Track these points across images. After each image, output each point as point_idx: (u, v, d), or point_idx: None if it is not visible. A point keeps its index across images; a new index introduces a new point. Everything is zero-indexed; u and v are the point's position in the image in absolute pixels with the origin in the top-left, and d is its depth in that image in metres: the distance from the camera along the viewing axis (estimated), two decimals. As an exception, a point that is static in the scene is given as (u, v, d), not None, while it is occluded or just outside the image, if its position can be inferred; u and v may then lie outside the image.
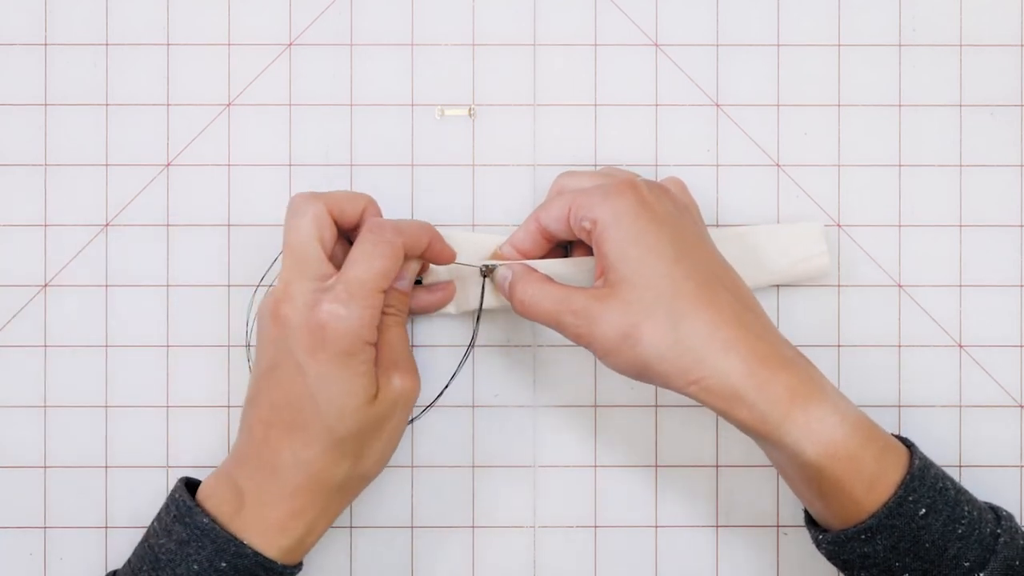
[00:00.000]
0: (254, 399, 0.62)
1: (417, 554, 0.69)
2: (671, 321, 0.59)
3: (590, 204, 0.61)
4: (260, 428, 0.61)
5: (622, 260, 0.60)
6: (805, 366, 0.60)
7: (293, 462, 0.60)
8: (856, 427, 0.59)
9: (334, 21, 0.69)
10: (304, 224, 0.61)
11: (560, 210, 0.62)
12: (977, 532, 0.59)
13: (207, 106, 0.69)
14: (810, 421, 0.58)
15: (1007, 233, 0.69)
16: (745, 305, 0.60)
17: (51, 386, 0.69)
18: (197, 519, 0.60)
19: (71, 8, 0.69)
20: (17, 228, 0.69)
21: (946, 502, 0.59)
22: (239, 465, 0.62)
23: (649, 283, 0.59)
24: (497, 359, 0.69)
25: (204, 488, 0.62)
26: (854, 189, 0.69)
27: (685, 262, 0.59)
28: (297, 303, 0.60)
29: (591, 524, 0.69)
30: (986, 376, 0.69)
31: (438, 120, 0.69)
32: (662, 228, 0.60)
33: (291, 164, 0.69)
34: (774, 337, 0.60)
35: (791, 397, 0.58)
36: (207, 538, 0.60)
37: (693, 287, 0.59)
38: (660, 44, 0.70)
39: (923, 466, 0.60)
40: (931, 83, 0.70)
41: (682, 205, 0.63)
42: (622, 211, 0.60)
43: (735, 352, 0.58)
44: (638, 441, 0.69)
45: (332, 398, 0.59)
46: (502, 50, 0.69)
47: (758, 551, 0.69)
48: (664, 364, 0.59)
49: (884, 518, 0.58)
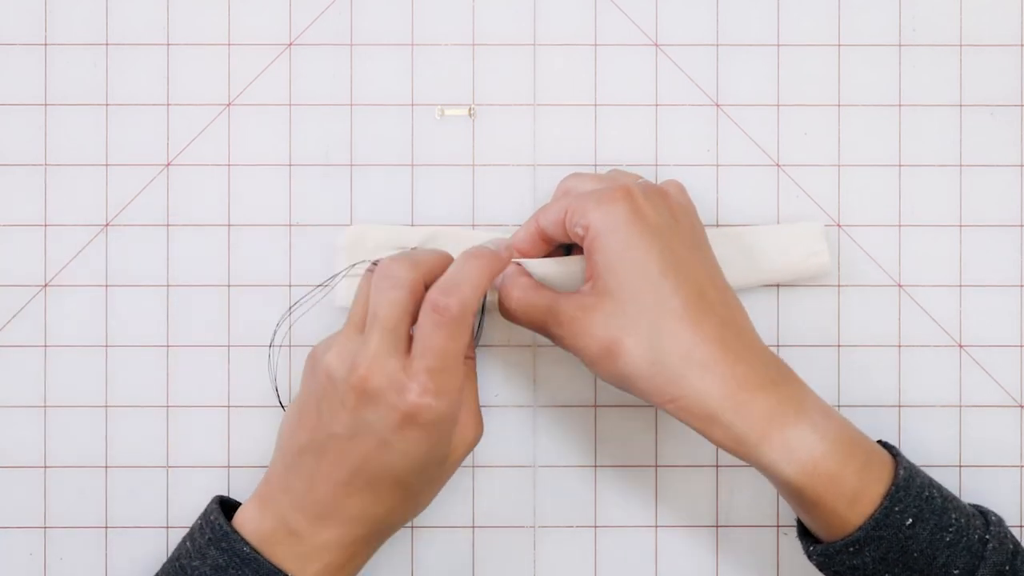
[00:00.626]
0: (323, 455, 0.60)
1: (417, 554, 0.69)
2: (651, 339, 0.59)
3: (584, 210, 0.60)
4: (328, 486, 0.60)
5: (609, 271, 0.59)
6: (787, 385, 0.60)
7: (360, 516, 0.60)
8: (836, 444, 0.59)
9: (334, 21, 0.69)
10: (402, 298, 0.59)
11: (557, 214, 0.62)
12: (965, 539, 0.59)
13: (207, 106, 0.69)
14: (787, 441, 0.58)
15: (1007, 233, 0.69)
16: (730, 322, 0.60)
17: (51, 386, 0.69)
18: (236, 546, 0.59)
19: (71, 8, 0.69)
20: (17, 228, 0.69)
21: (933, 510, 0.59)
22: (295, 509, 0.60)
23: (634, 297, 0.59)
24: (497, 359, 0.69)
25: (244, 513, 0.62)
26: (854, 189, 0.69)
27: (672, 277, 0.59)
28: (383, 384, 0.58)
29: (591, 524, 0.69)
30: (986, 376, 0.69)
31: (438, 120, 0.69)
32: (653, 239, 0.59)
33: (291, 164, 0.69)
34: (757, 356, 0.60)
35: (769, 418, 0.58)
36: (248, 567, 0.59)
37: (678, 304, 0.59)
38: (660, 44, 0.70)
39: (908, 476, 0.60)
40: (931, 83, 0.70)
41: (680, 211, 0.62)
42: (614, 219, 0.59)
43: (713, 373, 0.58)
44: (638, 441, 0.69)
45: (414, 464, 0.59)
46: (502, 50, 0.69)
47: (758, 551, 0.69)
48: (642, 381, 0.59)
49: (871, 530, 0.58)
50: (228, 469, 0.69)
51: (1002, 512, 0.67)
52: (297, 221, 0.69)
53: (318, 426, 0.60)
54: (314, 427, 0.60)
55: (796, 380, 0.61)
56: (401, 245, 0.67)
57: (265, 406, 0.69)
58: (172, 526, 0.68)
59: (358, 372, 0.58)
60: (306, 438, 0.60)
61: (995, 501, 0.68)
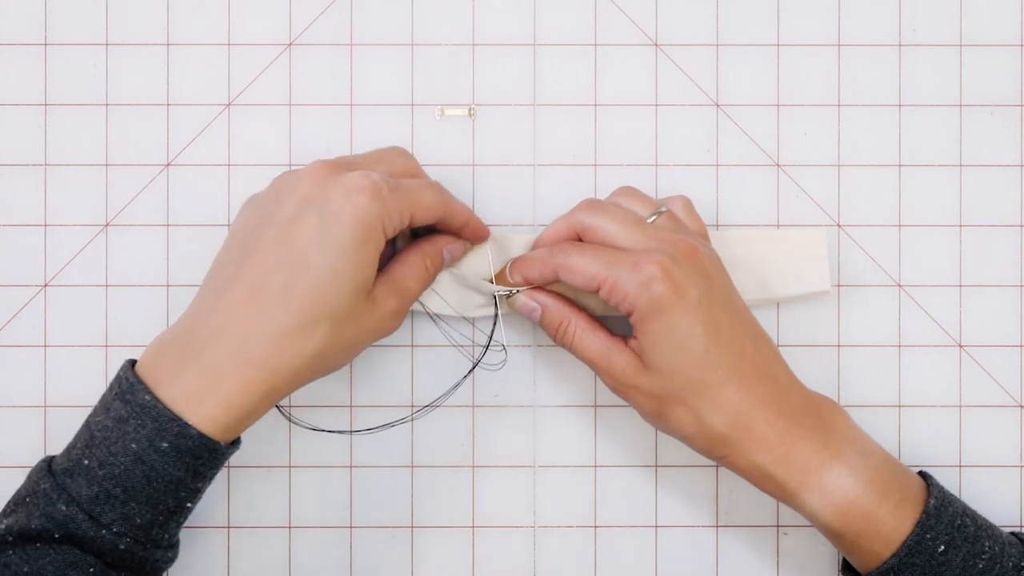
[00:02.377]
0: (238, 260, 0.59)
1: (417, 554, 0.69)
2: (698, 409, 0.61)
3: (625, 292, 0.61)
4: (237, 292, 0.59)
5: (655, 351, 0.61)
6: (825, 429, 0.62)
7: (264, 331, 0.58)
8: (871, 484, 0.61)
9: (334, 21, 0.69)
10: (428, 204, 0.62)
11: (587, 281, 0.62)
12: (999, 566, 0.60)
13: (207, 106, 0.69)
14: (824, 485, 0.61)
15: (1007, 233, 0.69)
16: (769, 377, 0.62)
17: (51, 386, 0.69)
18: (139, 396, 0.58)
19: (71, 8, 0.69)
20: (17, 228, 0.69)
21: (965, 538, 0.60)
22: (189, 332, 0.59)
23: (680, 372, 0.61)
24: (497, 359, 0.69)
25: (144, 359, 0.60)
26: (854, 189, 0.69)
27: (715, 349, 0.61)
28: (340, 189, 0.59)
29: (591, 524, 0.69)
30: (986, 376, 0.69)
31: (438, 120, 0.69)
32: (695, 317, 0.61)
33: (291, 164, 0.69)
34: (796, 405, 0.62)
35: (806, 465, 0.61)
36: (147, 416, 0.58)
37: (722, 375, 0.61)
38: (660, 44, 0.70)
39: (939, 504, 0.61)
40: (931, 83, 0.70)
41: (710, 267, 0.62)
42: (657, 305, 0.60)
43: (757, 433, 0.61)
44: (638, 441, 0.69)
45: (335, 273, 0.59)
46: (502, 50, 0.69)
47: (758, 551, 0.69)
48: (693, 442, 0.63)
49: (904, 556, 0.60)
50: (228, 469, 0.69)
51: (1002, 512, 0.67)
52: (297, 221, 0.69)
53: (239, 234, 0.61)
54: (237, 238, 0.61)
55: (833, 419, 0.63)
56: None
57: (265, 406, 0.69)
58: (172, 526, 0.69)
59: (329, 167, 0.61)
60: (221, 256, 0.61)
61: (995, 501, 0.68)
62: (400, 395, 0.69)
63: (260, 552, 0.69)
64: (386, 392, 0.69)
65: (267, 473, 0.69)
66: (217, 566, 0.69)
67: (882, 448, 0.63)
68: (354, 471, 0.69)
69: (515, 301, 0.65)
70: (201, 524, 0.69)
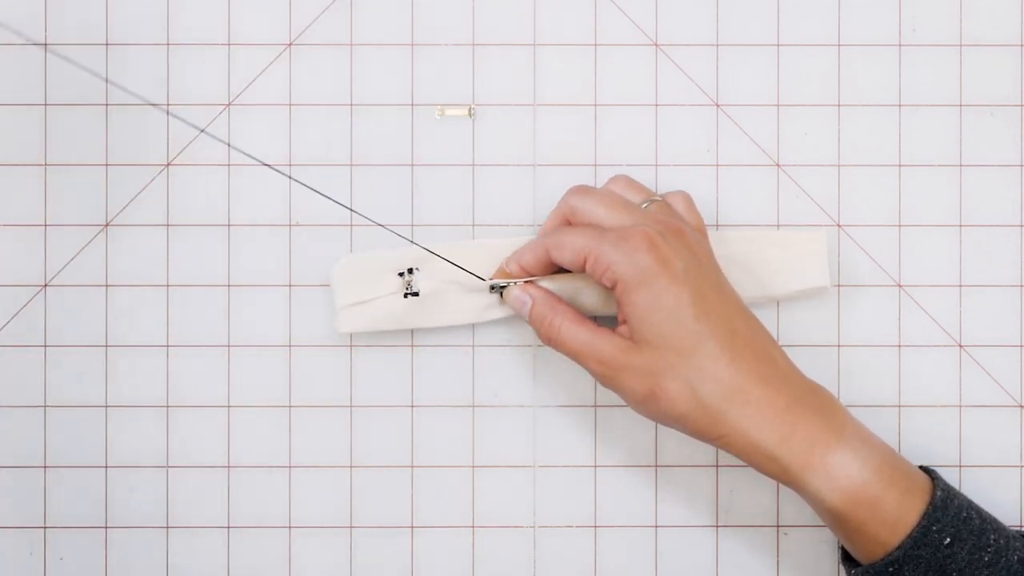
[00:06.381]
0: None
1: (417, 554, 0.69)
2: (693, 383, 0.60)
3: (608, 260, 0.61)
4: None
5: (644, 322, 0.60)
6: (826, 412, 0.61)
7: None
8: (877, 471, 0.60)
9: (334, 21, 0.69)
10: None
11: (575, 255, 0.62)
12: (1004, 560, 0.60)
13: (207, 106, 0.69)
14: (830, 469, 0.60)
15: (1007, 233, 0.69)
16: (764, 355, 0.61)
17: (51, 386, 0.69)
18: None
19: (71, 8, 0.69)
20: (17, 228, 0.69)
21: (971, 531, 0.60)
22: None
23: (670, 345, 0.60)
24: (497, 359, 0.69)
25: None
26: (854, 189, 0.69)
27: (705, 321, 0.60)
28: None
29: (591, 524, 0.69)
30: (986, 376, 0.69)
31: (438, 120, 0.69)
32: (683, 288, 0.60)
33: (291, 164, 0.69)
34: (795, 386, 0.61)
35: (810, 447, 0.60)
36: None
37: (714, 347, 0.60)
38: (660, 44, 0.70)
39: (945, 497, 0.61)
40: (931, 83, 0.70)
41: (698, 248, 0.62)
42: (642, 273, 0.60)
43: (755, 409, 0.60)
44: (638, 441, 0.69)
45: None
46: (502, 50, 0.69)
47: (758, 551, 0.69)
48: (688, 422, 0.61)
49: (910, 549, 0.59)
50: (228, 469, 0.69)
51: (1002, 512, 0.67)
52: (297, 221, 0.69)
53: None
54: None
55: (834, 406, 0.62)
56: (394, 268, 0.67)
57: (265, 406, 0.69)
58: (172, 526, 0.69)
59: None
60: None
61: (995, 501, 0.68)
62: (400, 395, 0.69)
63: (260, 552, 0.69)
64: (387, 392, 0.69)
65: (267, 473, 0.69)
66: (217, 566, 0.69)
67: (883, 439, 0.63)
68: (354, 471, 0.69)
69: (508, 294, 0.65)
70: (201, 524, 0.69)
